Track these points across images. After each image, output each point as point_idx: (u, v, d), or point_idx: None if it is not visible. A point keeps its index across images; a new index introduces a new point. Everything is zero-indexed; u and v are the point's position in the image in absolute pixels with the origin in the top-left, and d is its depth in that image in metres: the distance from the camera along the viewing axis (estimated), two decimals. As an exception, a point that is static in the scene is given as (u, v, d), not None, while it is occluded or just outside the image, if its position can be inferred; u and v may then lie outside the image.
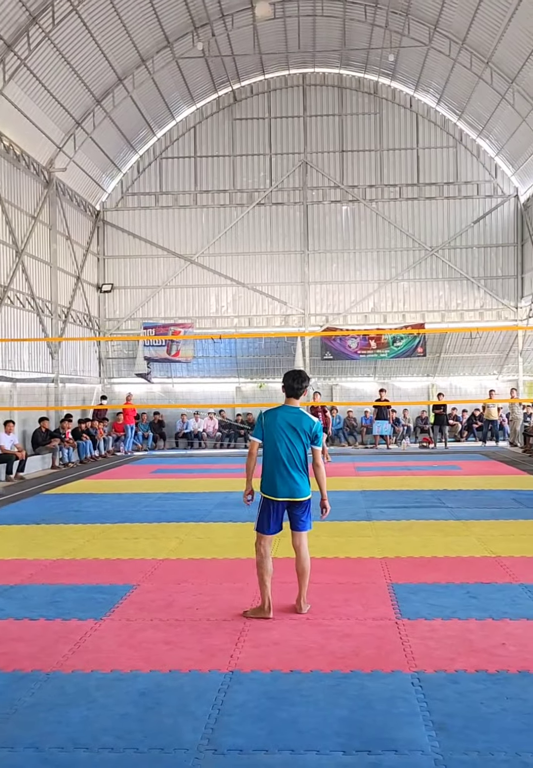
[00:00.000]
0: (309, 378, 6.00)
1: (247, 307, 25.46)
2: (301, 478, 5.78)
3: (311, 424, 5.81)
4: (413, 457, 19.40)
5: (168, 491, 13.17)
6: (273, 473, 5.76)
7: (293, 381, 5.90)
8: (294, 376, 5.93)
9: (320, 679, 4.53)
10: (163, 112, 24.59)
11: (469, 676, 4.53)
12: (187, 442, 24.13)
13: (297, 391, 5.90)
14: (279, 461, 5.74)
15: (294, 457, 5.74)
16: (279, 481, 5.74)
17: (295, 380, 5.90)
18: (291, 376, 5.94)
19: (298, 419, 5.81)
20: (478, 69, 21.28)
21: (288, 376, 5.95)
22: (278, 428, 5.77)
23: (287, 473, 5.73)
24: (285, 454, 5.73)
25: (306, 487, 5.82)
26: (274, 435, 5.77)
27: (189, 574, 7.18)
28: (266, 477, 5.82)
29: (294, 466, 5.74)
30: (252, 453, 5.92)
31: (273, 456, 5.77)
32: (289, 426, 5.77)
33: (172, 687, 4.46)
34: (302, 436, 5.76)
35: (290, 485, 5.74)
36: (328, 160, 25.27)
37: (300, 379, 5.91)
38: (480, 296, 25.10)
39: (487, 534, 8.77)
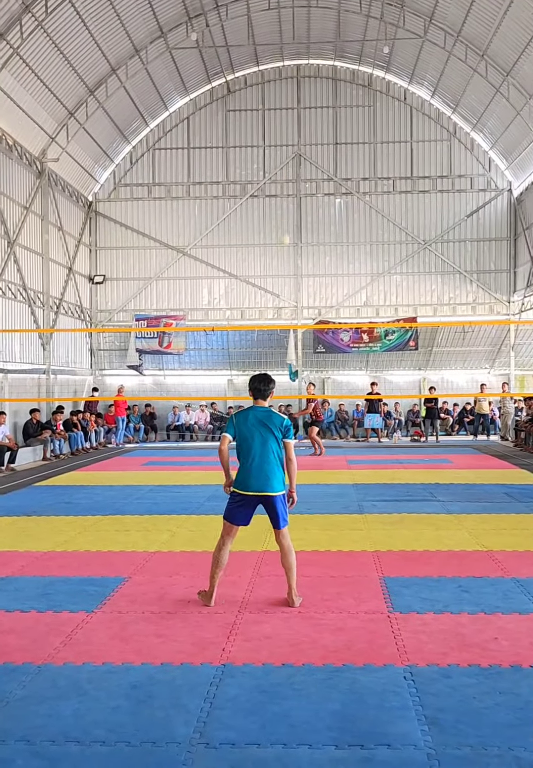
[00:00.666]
0: (274, 382, 6.17)
1: (239, 299, 25.42)
2: (274, 473, 5.85)
3: (281, 419, 5.95)
4: (404, 450, 19.42)
5: (159, 483, 13.15)
6: (246, 469, 5.87)
7: (259, 383, 6.07)
8: (260, 379, 6.10)
9: (312, 672, 4.52)
10: (156, 103, 24.47)
11: (461, 670, 4.53)
12: (178, 434, 24.10)
13: (264, 393, 6.06)
14: (253, 457, 5.84)
15: (267, 453, 5.84)
16: (252, 476, 5.83)
17: (262, 382, 6.07)
18: (258, 378, 6.11)
19: (268, 416, 5.94)
20: (473, 62, 21.27)
21: (254, 380, 6.11)
22: (250, 425, 5.90)
23: (260, 468, 5.82)
24: (258, 450, 5.84)
25: (279, 483, 5.89)
26: (247, 432, 5.89)
27: (180, 566, 7.16)
28: (239, 473, 5.93)
29: (267, 461, 5.83)
30: (222, 448, 5.98)
31: (246, 452, 5.87)
32: (261, 423, 5.89)
33: (164, 680, 4.44)
34: (274, 431, 5.87)
35: (262, 480, 5.82)
36: (322, 152, 25.21)
37: (266, 381, 6.08)
38: (472, 290, 25.13)
39: (479, 528, 8.78)
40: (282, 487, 5.90)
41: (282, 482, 5.93)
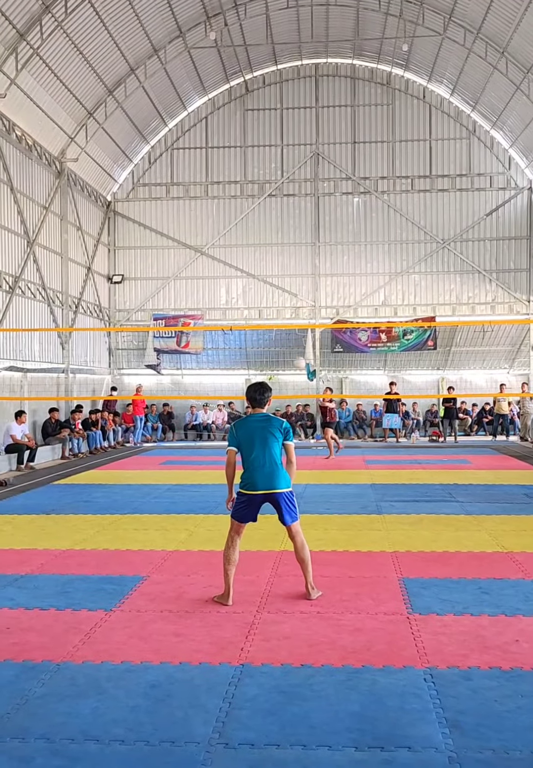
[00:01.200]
0: (271, 390, 6.30)
1: (257, 298, 25.41)
2: (278, 472, 5.98)
3: (280, 422, 6.10)
4: (422, 450, 19.32)
5: (177, 483, 13.17)
6: (251, 470, 5.99)
7: (255, 392, 6.19)
8: (256, 388, 6.22)
9: (331, 673, 4.49)
10: (174, 103, 24.52)
11: (482, 672, 4.48)
12: (196, 433, 24.14)
13: (260, 402, 6.17)
14: (257, 458, 5.96)
15: (269, 453, 5.96)
16: (258, 475, 5.95)
17: (257, 391, 6.17)
18: (254, 388, 6.23)
19: (268, 420, 6.08)
20: (493, 59, 21.11)
21: (250, 389, 6.23)
22: (251, 431, 6.04)
23: (264, 468, 5.94)
24: (261, 452, 5.96)
25: (284, 481, 6.00)
26: (249, 437, 6.02)
27: (198, 565, 7.15)
28: (245, 475, 6.04)
29: (270, 461, 5.95)
30: (230, 462, 6.12)
31: (249, 454, 5.99)
32: (260, 427, 6.02)
33: (183, 679, 4.43)
34: (275, 434, 6.00)
35: (267, 479, 5.94)
36: (340, 151, 25.14)
37: (262, 390, 6.18)
38: (491, 289, 24.95)
39: (498, 529, 8.71)
40: (286, 485, 6.01)
41: (287, 479, 6.04)
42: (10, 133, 17.97)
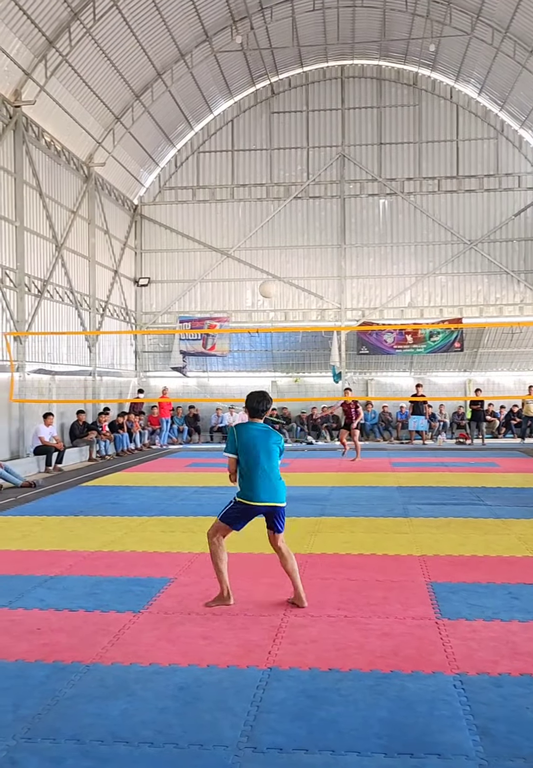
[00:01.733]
0: (271, 399, 6.16)
1: (283, 300, 25.41)
2: (280, 485, 5.98)
3: (278, 438, 6.05)
4: (449, 453, 19.18)
5: (203, 485, 13.20)
6: (254, 480, 5.87)
7: (257, 403, 6.02)
8: (258, 398, 6.05)
9: (359, 678, 4.47)
10: (200, 106, 24.63)
11: (513, 679, 4.43)
12: (221, 436, 24.16)
13: (260, 413, 6.04)
14: (260, 468, 5.87)
15: (272, 465, 5.92)
16: (262, 487, 5.87)
17: (260, 402, 6.02)
18: (255, 398, 6.05)
19: (268, 433, 6.01)
20: (522, 58, 20.91)
21: (251, 398, 6.06)
22: (254, 439, 5.92)
23: (268, 480, 5.88)
24: (265, 462, 5.88)
25: (284, 494, 6.02)
26: (252, 444, 5.90)
27: (226, 568, 7.15)
28: (246, 483, 5.92)
29: (274, 473, 5.92)
30: (232, 470, 6.04)
31: (253, 464, 5.88)
32: (261, 438, 5.94)
33: (211, 682, 4.44)
34: (273, 447, 5.95)
35: (271, 491, 5.90)
36: (366, 152, 25.07)
37: (264, 401, 6.04)
38: (520, 290, 24.71)
39: (528, 533, 8.61)
40: (285, 498, 6.04)
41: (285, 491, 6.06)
42: (40, 140, 18.17)
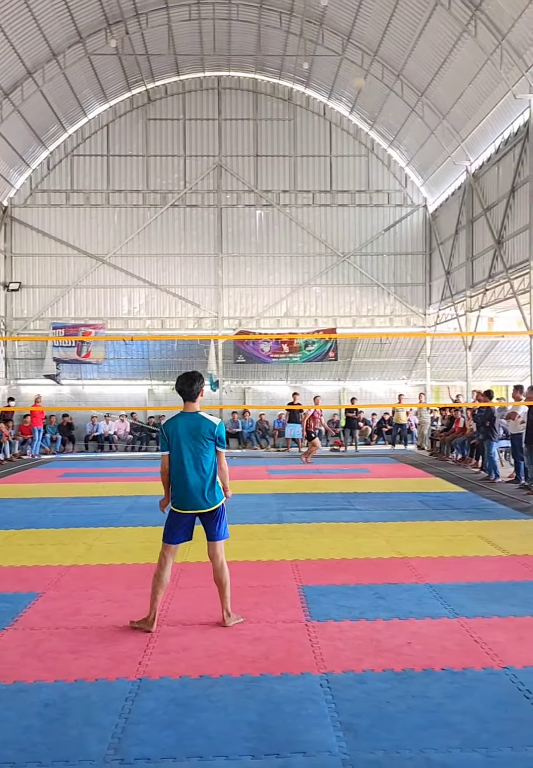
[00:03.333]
0: (202, 378, 5.81)
1: (159, 308, 25.25)
2: (208, 487, 5.59)
3: (212, 427, 5.60)
4: (324, 460, 19.64)
5: (76, 495, 12.88)
6: (179, 485, 5.60)
7: (183, 384, 5.69)
8: (183, 380, 5.73)
9: (229, 683, 4.51)
10: (74, 109, 24.10)
11: (376, 675, 4.61)
12: (97, 445, 23.67)
13: (189, 395, 5.69)
14: (184, 472, 5.56)
15: (199, 466, 5.57)
16: (186, 493, 5.57)
17: (185, 383, 5.69)
18: (181, 379, 5.74)
19: (198, 424, 5.61)
20: (389, 81, 21.81)
21: (178, 380, 5.76)
22: (180, 438, 5.58)
23: (193, 484, 5.55)
24: (190, 464, 5.56)
25: (215, 495, 5.63)
26: (177, 445, 5.59)
27: (97, 580, 7.02)
28: (174, 489, 5.65)
29: (199, 475, 5.56)
30: (164, 468, 5.72)
31: (178, 467, 5.59)
32: (190, 433, 5.59)
33: (78, 697, 4.34)
34: (205, 442, 5.59)
35: (196, 497, 5.56)
36: (243, 163, 25.35)
37: (189, 381, 5.69)
38: (390, 302, 25.71)
39: (395, 535, 8.96)
40: (219, 499, 5.65)
41: (219, 493, 5.67)
42: None
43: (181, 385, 5.71)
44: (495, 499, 12.03)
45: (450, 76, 19.42)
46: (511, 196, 18.14)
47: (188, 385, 5.69)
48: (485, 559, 7.73)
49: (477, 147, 20.60)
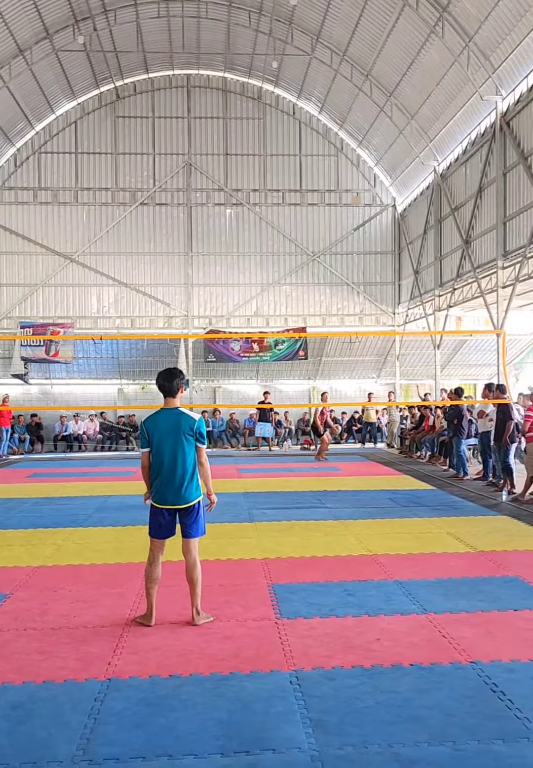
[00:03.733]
0: (182, 374, 5.88)
1: (129, 307, 25.11)
2: (186, 483, 5.62)
3: (191, 423, 5.63)
4: (294, 458, 19.70)
5: (45, 496, 12.76)
6: (158, 480, 5.64)
7: (163, 380, 5.73)
8: (163, 375, 5.77)
9: (199, 682, 4.51)
10: (42, 105, 23.85)
11: (345, 672, 4.63)
12: (66, 444, 23.46)
13: (169, 390, 5.73)
14: (163, 468, 5.60)
15: (177, 462, 5.59)
16: (164, 488, 5.61)
17: (165, 379, 5.73)
18: (161, 375, 5.79)
19: (178, 420, 5.64)
20: (358, 81, 21.92)
21: (158, 376, 5.80)
22: (159, 434, 5.62)
23: (171, 480, 5.59)
24: (168, 460, 5.59)
25: (193, 491, 5.66)
26: (157, 442, 5.63)
27: (66, 580, 6.96)
28: (153, 484, 5.69)
29: (178, 471, 5.59)
30: (144, 465, 5.75)
31: (157, 463, 5.63)
32: (169, 429, 5.62)
33: (46, 698, 4.31)
34: (184, 438, 5.61)
35: (174, 492, 5.60)
36: (212, 162, 25.30)
37: (169, 377, 5.73)
38: (359, 301, 25.84)
39: (364, 533, 9.01)
40: (196, 496, 5.67)
41: (197, 489, 5.69)
42: None
43: (161, 381, 5.75)
44: (463, 496, 12.17)
45: (418, 76, 19.59)
46: (478, 196, 18.35)
47: (168, 381, 5.73)
48: (453, 555, 7.82)
49: (444, 147, 20.81)
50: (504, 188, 16.89)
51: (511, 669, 4.68)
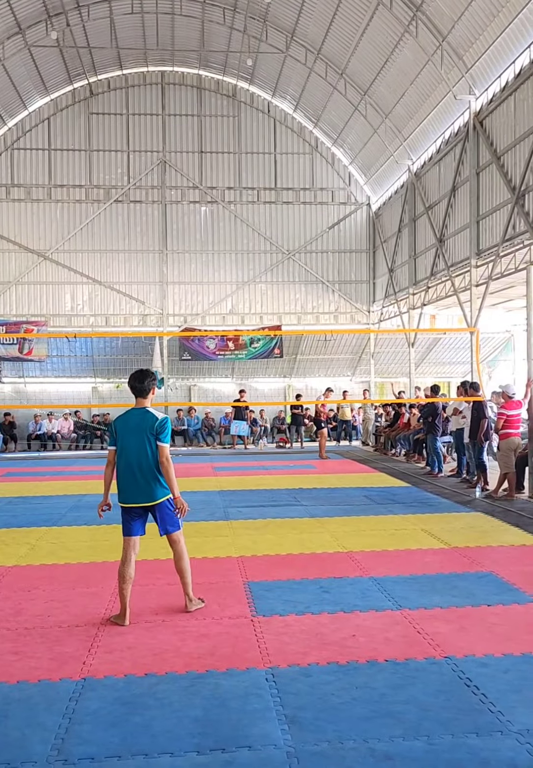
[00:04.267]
0: (154, 375, 5.96)
1: (103, 305, 24.94)
2: (151, 481, 5.65)
3: (154, 420, 5.68)
4: (270, 456, 19.71)
5: (19, 495, 12.65)
6: (123, 479, 5.70)
7: (134, 380, 5.84)
8: (135, 376, 5.89)
9: (175, 680, 4.50)
10: (14, 101, 23.59)
11: (321, 668, 4.65)
12: (40, 444, 23.27)
13: (140, 391, 5.82)
14: (129, 466, 5.66)
15: (142, 460, 5.63)
16: (129, 486, 5.66)
17: (136, 379, 5.83)
18: (133, 375, 5.90)
19: (142, 419, 5.71)
20: (333, 79, 21.97)
21: (130, 377, 5.90)
22: (125, 433, 5.70)
23: (137, 478, 5.64)
24: (133, 459, 5.65)
25: (159, 489, 5.68)
26: (123, 440, 5.71)
27: (40, 580, 6.91)
28: (119, 484, 5.74)
29: (143, 469, 5.63)
30: (109, 462, 5.80)
31: (123, 462, 5.69)
32: (135, 428, 5.69)
33: (20, 698, 4.27)
34: (148, 436, 5.65)
35: (138, 491, 5.65)
36: (187, 160, 25.21)
37: (140, 378, 5.83)
38: (334, 300, 25.92)
39: (340, 530, 9.05)
40: (163, 493, 5.69)
41: (164, 487, 5.70)
42: None
43: (133, 382, 5.85)
44: (437, 492, 12.27)
45: (393, 75, 19.68)
46: (452, 195, 18.48)
47: (139, 382, 5.83)
48: (427, 551, 7.88)
49: (418, 146, 20.93)
50: (477, 187, 17.03)
51: (485, 663, 4.73)
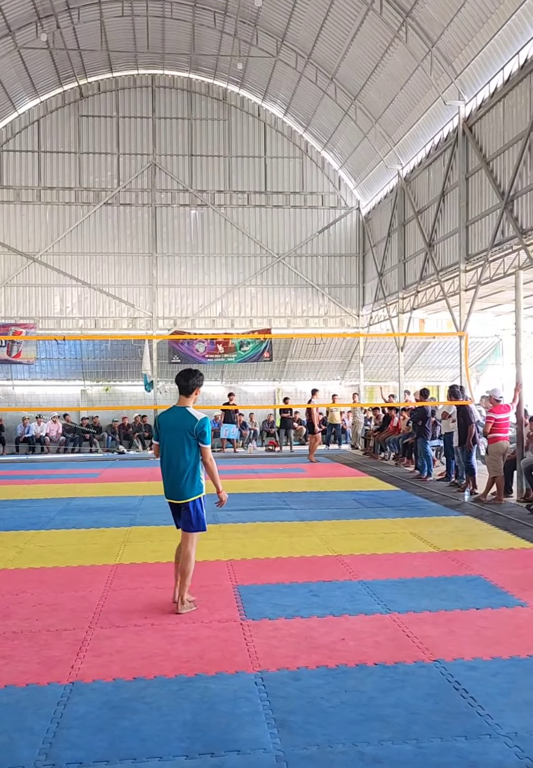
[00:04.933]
0: (201, 376, 6.11)
1: (93, 308, 24.89)
2: (184, 480, 5.85)
3: (193, 422, 5.82)
4: (259, 460, 19.69)
5: (6, 498, 12.57)
6: (163, 474, 5.99)
7: (181, 378, 6.02)
8: (182, 374, 6.06)
9: (164, 684, 4.48)
10: (4, 103, 23.53)
11: (310, 672, 4.64)
12: (28, 446, 23.16)
13: (183, 389, 5.99)
14: (165, 463, 5.94)
15: (178, 459, 5.84)
16: (166, 482, 5.96)
17: (183, 377, 6.00)
18: (180, 373, 6.07)
19: (181, 419, 5.88)
20: (323, 84, 22.04)
21: (178, 375, 6.07)
22: (165, 431, 5.93)
23: (171, 475, 5.91)
24: (169, 457, 5.90)
25: (190, 489, 5.86)
26: (162, 437, 5.96)
27: (28, 584, 6.87)
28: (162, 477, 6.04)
29: (177, 468, 5.86)
30: (155, 455, 6.21)
31: (162, 457, 5.98)
32: (173, 427, 5.89)
33: (8, 703, 4.24)
34: (186, 436, 5.81)
35: (172, 488, 5.93)
36: (177, 163, 25.21)
37: (186, 376, 5.99)
38: (324, 303, 25.97)
39: (329, 534, 9.05)
40: (192, 494, 5.87)
41: (194, 488, 5.87)
42: None
43: (179, 379, 6.04)
44: (426, 496, 12.28)
45: (383, 81, 19.76)
46: (442, 200, 18.56)
47: (184, 380, 6.01)
48: (416, 555, 7.89)
49: (408, 151, 21.01)
50: (466, 192, 17.11)
51: (473, 667, 4.73)
